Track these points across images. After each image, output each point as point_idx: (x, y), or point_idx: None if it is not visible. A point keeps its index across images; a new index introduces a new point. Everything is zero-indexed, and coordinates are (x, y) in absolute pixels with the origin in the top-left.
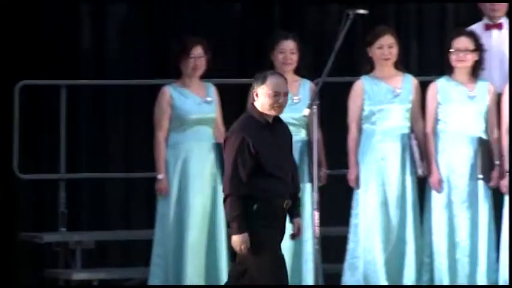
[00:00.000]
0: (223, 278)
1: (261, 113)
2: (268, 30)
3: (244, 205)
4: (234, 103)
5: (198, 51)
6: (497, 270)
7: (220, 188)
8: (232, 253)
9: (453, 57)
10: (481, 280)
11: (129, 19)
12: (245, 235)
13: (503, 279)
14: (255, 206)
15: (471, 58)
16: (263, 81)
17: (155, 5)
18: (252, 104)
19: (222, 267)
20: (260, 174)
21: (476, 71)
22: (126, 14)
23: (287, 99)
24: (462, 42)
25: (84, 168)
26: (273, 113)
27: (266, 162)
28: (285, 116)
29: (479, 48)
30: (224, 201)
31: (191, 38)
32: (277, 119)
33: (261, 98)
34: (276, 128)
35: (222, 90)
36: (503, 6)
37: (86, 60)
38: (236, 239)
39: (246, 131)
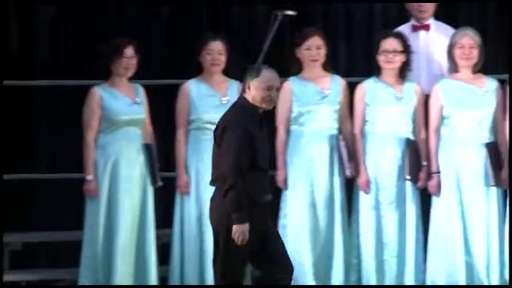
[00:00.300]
0: (153, 279)
1: (253, 105)
2: (196, 31)
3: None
4: (161, 104)
5: (130, 51)
6: (424, 270)
7: (150, 189)
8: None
9: (381, 59)
10: (409, 280)
11: (57, 20)
12: (247, 225)
13: (431, 279)
14: None
15: (399, 59)
16: (257, 74)
17: (82, 6)
18: (243, 96)
19: (151, 268)
20: (251, 167)
21: (403, 72)
22: (53, 15)
23: (279, 94)
24: (390, 44)
25: (11, 169)
26: (263, 106)
27: (258, 155)
28: (214, 117)
29: (407, 49)
30: (226, 192)
31: (123, 38)
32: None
33: (253, 90)
34: (261, 120)
35: (149, 91)
36: (431, 7)
37: (13, 61)
38: (240, 228)
39: (246, 122)
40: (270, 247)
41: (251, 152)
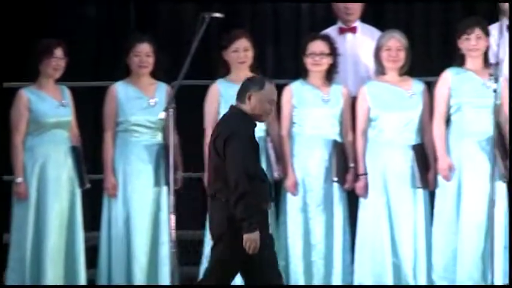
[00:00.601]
0: (82, 282)
1: (252, 116)
2: (124, 33)
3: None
4: (89, 106)
5: (59, 52)
6: (352, 272)
7: (78, 191)
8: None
9: (308, 61)
10: (336, 282)
11: None
12: (258, 233)
13: (358, 281)
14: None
15: (326, 62)
16: (261, 87)
17: (6, 6)
18: (239, 106)
19: (80, 271)
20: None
21: (330, 74)
22: None
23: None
24: (317, 46)
25: None
26: (262, 118)
27: (259, 165)
28: (141, 119)
29: (333, 52)
30: (237, 200)
31: (52, 39)
32: None
33: (255, 102)
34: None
35: (77, 93)
36: (357, 10)
37: None
38: (252, 237)
39: (250, 132)
40: (267, 254)
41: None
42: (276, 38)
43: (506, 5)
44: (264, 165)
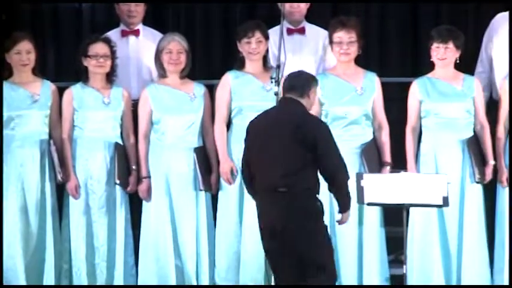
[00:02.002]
0: None
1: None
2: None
3: None
4: None
5: None
6: (136, 274)
7: None
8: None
9: (91, 63)
10: (118, 283)
11: None
12: None
13: (143, 283)
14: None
15: (108, 64)
16: (317, 84)
17: None
18: (298, 100)
19: None
20: None
21: (110, 77)
22: None
23: None
24: (100, 48)
25: None
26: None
27: None
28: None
29: (114, 54)
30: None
31: None
32: None
33: (312, 98)
34: None
35: None
36: (140, 13)
37: None
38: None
39: None
40: None
41: None
42: (56, 39)
43: (287, 8)
44: (47, 169)
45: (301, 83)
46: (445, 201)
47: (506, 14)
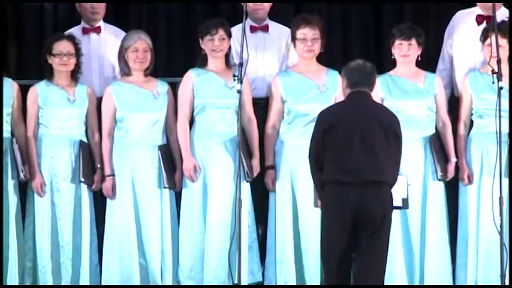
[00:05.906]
0: None
1: None
2: None
3: None
4: None
5: None
6: (100, 272)
7: None
8: None
9: (56, 61)
10: (84, 282)
11: None
12: None
13: (106, 281)
14: None
15: (73, 62)
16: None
17: None
18: (370, 93)
19: None
20: None
21: (75, 74)
22: None
23: None
24: (64, 46)
25: None
26: None
27: None
28: None
29: (78, 52)
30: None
31: None
32: None
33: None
34: None
35: None
36: (102, 10)
37: None
38: None
39: None
40: None
41: None
42: (19, 37)
43: (251, 6)
44: (9, 167)
45: (370, 75)
46: (405, 203)
47: (465, 11)
